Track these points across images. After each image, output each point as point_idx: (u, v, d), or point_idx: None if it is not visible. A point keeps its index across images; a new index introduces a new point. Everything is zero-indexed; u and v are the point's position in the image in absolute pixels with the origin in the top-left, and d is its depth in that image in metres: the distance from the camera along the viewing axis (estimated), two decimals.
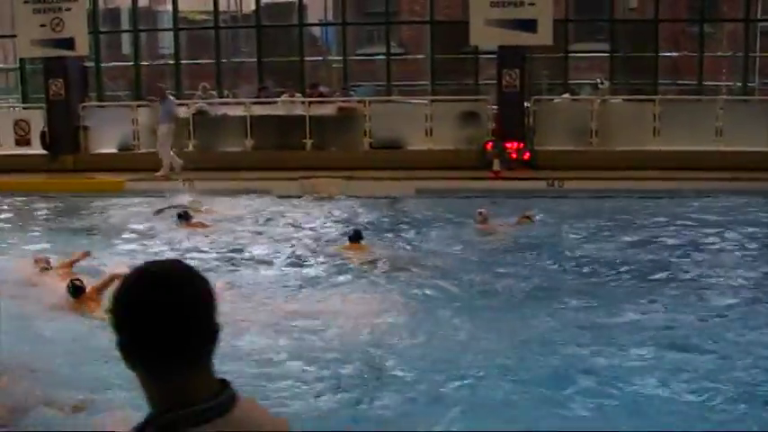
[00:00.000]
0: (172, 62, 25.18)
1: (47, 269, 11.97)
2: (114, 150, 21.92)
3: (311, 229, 16.08)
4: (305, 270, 13.21)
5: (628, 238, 14.71)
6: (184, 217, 15.73)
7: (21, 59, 25.18)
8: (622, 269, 12.80)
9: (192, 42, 26.68)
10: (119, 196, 19.47)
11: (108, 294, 9.46)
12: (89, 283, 11.00)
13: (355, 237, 14.07)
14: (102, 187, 20.14)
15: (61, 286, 11.02)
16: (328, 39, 29.04)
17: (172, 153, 20.53)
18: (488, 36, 20.91)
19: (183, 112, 21.85)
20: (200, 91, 23.52)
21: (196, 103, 22.47)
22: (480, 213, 15.27)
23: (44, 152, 22.36)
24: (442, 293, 11.76)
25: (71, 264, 12.17)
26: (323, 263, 13.53)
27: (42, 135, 22.42)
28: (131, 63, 25.25)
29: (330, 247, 14.38)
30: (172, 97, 21.53)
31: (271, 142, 21.46)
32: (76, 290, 10.78)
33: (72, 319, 10.50)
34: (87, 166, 21.77)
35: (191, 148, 21.60)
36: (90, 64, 24.14)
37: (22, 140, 22.91)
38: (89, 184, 20.56)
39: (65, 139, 22.18)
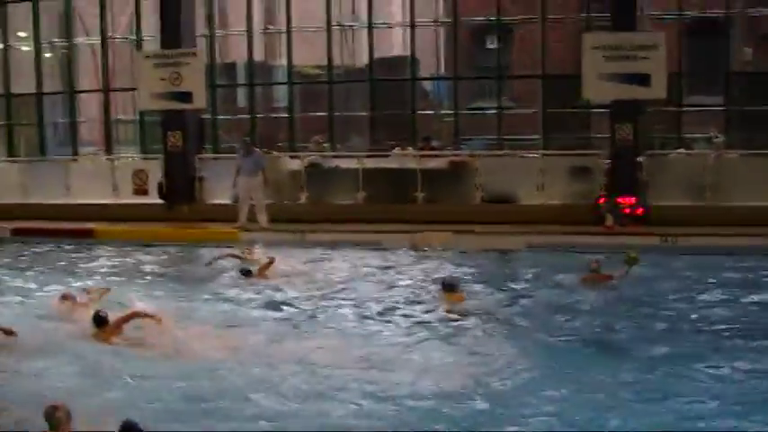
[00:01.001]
0: (286, 115, 25.60)
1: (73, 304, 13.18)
2: (228, 201, 22.23)
3: (412, 280, 16.08)
4: (394, 317, 13.38)
5: (750, 297, 14.25)
6: (246, 273, 16.04)
7: (140, 112, 25.92)
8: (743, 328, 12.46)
9: (305, 96, 27.09)
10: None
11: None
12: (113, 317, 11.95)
13: (449, 286, 13.95)
14: (217, 237, 20.46)
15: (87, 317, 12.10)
16: (440, 92, 29.19)
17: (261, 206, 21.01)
18: (601, 90, 20.77)
19: (296, 164, 22.21)
20: (313, 144, 23.83)
21: (309, 155, 22.76)
22: (596, 262, 15.01)
23: (161, 201, 22.90)
24: (540, 346, 11.65)
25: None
26: (413, 312, 13.59)
27: (159, 185, 22.98)
28: (247, 116, 25.75)
29: (426, 297, 14.42)
30: (258, 150, 21.87)
31: (382, 195, 21.59)
32: (100, 320, 11.79)
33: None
34: (202, 215, 22.16)
35: (303, 200, 21.88)
36: (206, 116, 24.74)
37: (140, 190, 23.53)
38: (203, 234, 20.90)
39: (181, 190, 22.69)
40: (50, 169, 25.82)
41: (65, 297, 13.48)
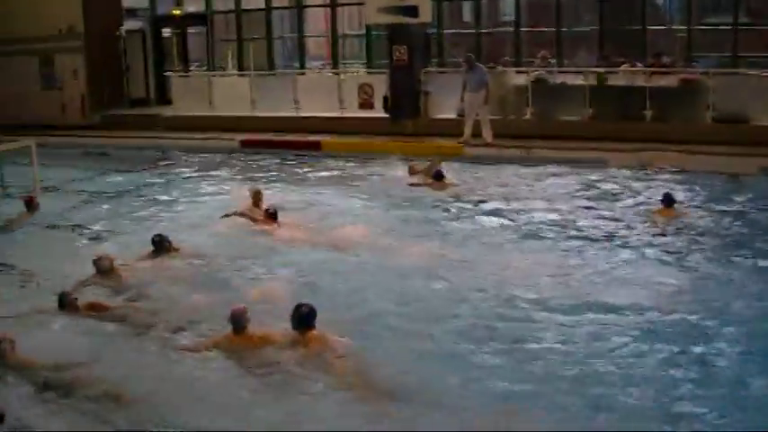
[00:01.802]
0: (512, 30, 25.29)
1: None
2: (453, 116, 22.20)
3: (634, 199, 15.92)
4: (606, 232, 13.63)
5: None
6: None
7: (367, 26, 26.17)
8: None
9: (532, 10, 26.61)
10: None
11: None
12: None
13: (666, 200, 14.14)
14: (442, 152, 20.51)
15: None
16: (672, 7, 28.12)
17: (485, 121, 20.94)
18: None
19: (522, 79, 21.97)
20: (540, 59, 23.48)
21: (536, 71, 22.44)
22: None
23: (385, 116, 23.12)
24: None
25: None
26: (628, 225, 13.87)
27: (385, 99, 23.19)
28: (472, 30, 25.58)
29: (644, 218, 14.32)
30: (482, 66, 21.62)
31: (609, 113, 21.08)
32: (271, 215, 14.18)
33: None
34: (426, 130, 22.28)
35: (528, 116, 21.64)
36: (432, 31, 24.71)
37: (366, 104, 23.85)
38: (428, 147, 20.98)
39: (406, 104, 22.83)
40: (278, 83, 26.47)
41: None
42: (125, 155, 23.48)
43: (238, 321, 9.21)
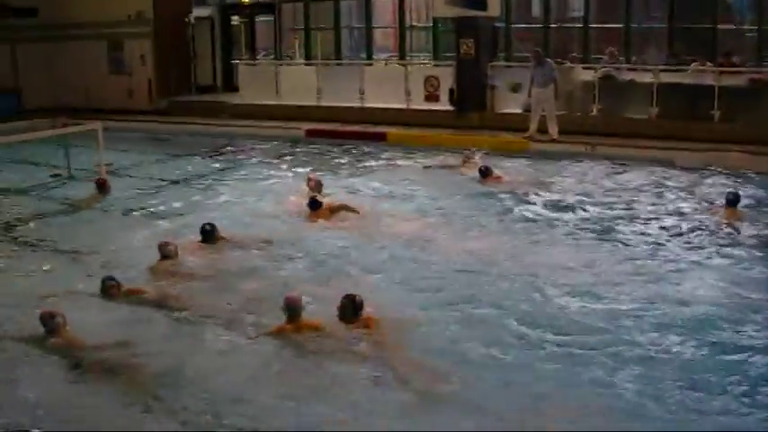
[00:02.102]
0: (580, 25, 25.15)
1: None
2: (519, 111, 22.15)
3: (698, 198, 15.81)
4: (672, 232, 13.54)
5: None
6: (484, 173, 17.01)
7: (434, 19, 26.18)
8: None
9: (602, 6, 26.42)
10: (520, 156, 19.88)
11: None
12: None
13: (731, 201, 14.13)
14: (508, 147, 20.50)
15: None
16: (743, 5, 27.79)
17: (551, 117, 20.88)
18: None
19: (589, 76, 21.85)
20: (608, 56, 23.33)
21: (603, 67, 22.30)
22: None
23: (451, 108, 23.12)
24: None
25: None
26: (693, 224, 13.80)
27: (450, 92, 23.20)
28: (540, 25, 25.47)
29: (710, 217, 14.24)
30: (550, 61, 21.55)
31: (676, 111, 20.89)
32: (314, 204, 14.34)
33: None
34: (492, 124, 22.24)
35: (594, 112, 21.53)
36: (500, 24, 24.66)
37: (432, 96, 23.85)
38: (494, 142, 20.95)
39: (472, 97, 22.82)
40: (345, 73, 26.56)
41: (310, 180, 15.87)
42: (190, 141, 23.78)
43: (294, 309, 9.28)
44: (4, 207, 16.60)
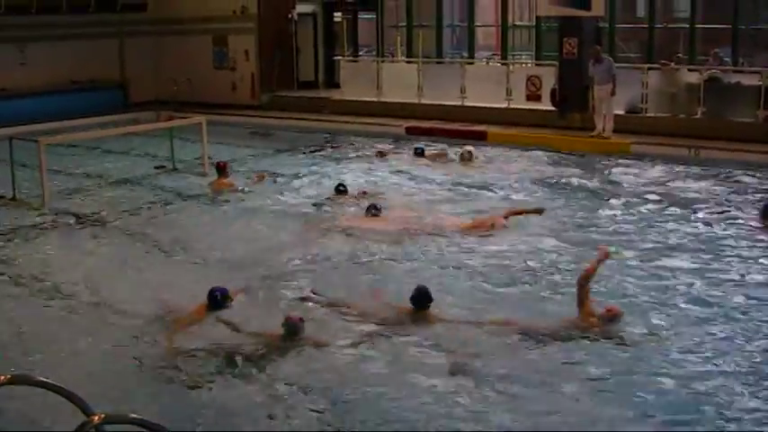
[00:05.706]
0: (686, 25, 24.78)
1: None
2: (621, 112, 21.88)
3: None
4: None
5: None
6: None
7: (537, 18, 26.04)
8: None
9: (708, 5, 26.01)
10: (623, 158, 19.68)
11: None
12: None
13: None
14: (609, 148, 20.30)
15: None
16: None
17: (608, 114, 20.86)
18: None
19: (694, 77, 21.49)
20: (712, 57, 22.94)
21: (709, 69, 21.93)
22: None
23: (552, 109, 22.97)
24: None
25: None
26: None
27: (552, 92, 23.03)
28: (644, 25, 25.16)
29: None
30: (610, 58, 21.30)
31: None
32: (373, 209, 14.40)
33: None
34: (593, 125, 22.02)
35: (699, 114, 21.16)
36: (604, 24, 24.41)
37: (533, 96, 23.72)
38: (593, 143, 20.78)
39: (574, 98, 22.59)
40: (446, 71, 26.56)
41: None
42: (292, 136, 23.95)
43: (292, 329, 9.22)
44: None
